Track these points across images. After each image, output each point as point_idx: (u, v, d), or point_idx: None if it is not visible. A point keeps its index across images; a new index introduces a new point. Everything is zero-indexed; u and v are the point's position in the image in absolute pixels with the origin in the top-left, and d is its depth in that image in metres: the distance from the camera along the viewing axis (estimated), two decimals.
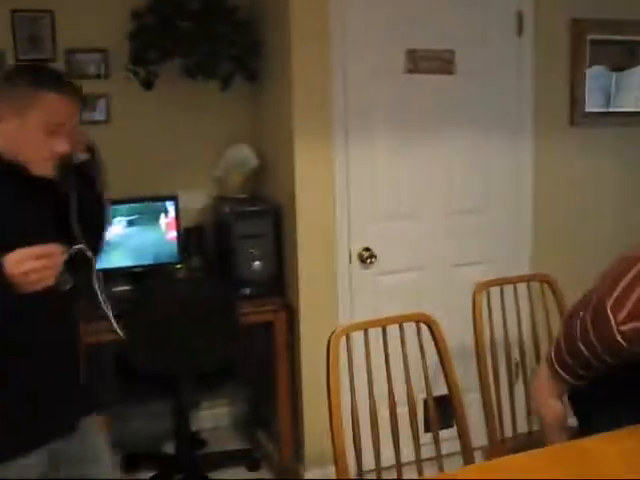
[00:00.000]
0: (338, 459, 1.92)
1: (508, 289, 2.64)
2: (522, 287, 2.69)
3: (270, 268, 3.13)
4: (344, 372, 2.00)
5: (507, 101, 3.31)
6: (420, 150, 3.18)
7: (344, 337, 2.02)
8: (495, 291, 2.61)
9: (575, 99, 3.42)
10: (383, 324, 2.12)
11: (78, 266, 1.67)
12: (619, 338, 1.58)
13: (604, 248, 3.63)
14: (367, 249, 3.08)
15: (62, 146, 1.71)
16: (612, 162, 3.59)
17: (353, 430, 2.00)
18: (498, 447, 2.41)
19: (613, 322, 1.58)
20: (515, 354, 2.64)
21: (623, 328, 1.57)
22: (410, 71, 3.13)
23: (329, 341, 1.99)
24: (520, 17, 3.31)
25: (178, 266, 3.31)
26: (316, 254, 3.04)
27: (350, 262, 3.08)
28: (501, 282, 2.65)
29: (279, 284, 3.19)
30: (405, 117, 3.14)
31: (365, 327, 2.08)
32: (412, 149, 3.17)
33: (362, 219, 3.10)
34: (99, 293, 1.76)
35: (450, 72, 3.18)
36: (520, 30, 3.31)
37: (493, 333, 2.55)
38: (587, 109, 3.46)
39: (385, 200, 3.14)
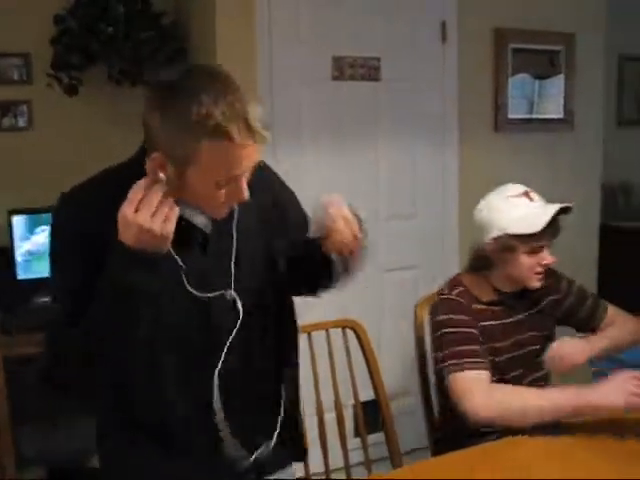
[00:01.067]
0: None
1: None
2: None
3: None
4: None
5: (433, 107, 3.37)
6: (348, 156, 3.20)
7: None
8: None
9: (499, 106, 3.50)
10: (309, 330, 2.12)
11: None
12: None
13: None
14: None
15: (241, 195, 1.36)
16: (536, 167, 3.67)
17: None
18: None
19: None
20: None
21: None
22: (336, 78, 3.15)
23: None
24: (444, 25, 3.37)
25: None
26: None
27: None
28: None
29: None
30: (332, 123, 3.16)
31: None
32: (340, 155, 3.19)
33: None
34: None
35: (376, 79, 3.22)
36: (444, 38, 3.37)
37: None
38: (511, 115, 3.54)
39: (312, 206, 3.13)
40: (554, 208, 2.01)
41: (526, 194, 2.05)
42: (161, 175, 1.26)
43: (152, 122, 1.30)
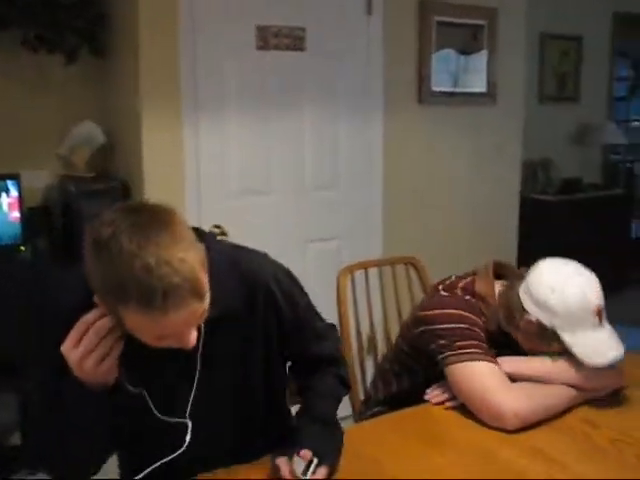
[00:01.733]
0: None
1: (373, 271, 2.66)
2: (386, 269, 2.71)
3: None
4: None
5: (358, 78, 3.37)
6: (272, 127, 3.18)
7: None
8: (359, 274, 2.60)
9: (422, 78, 3.53)
10: None
11: None
12: None
13: (453, 223, 3.80)
14: (218, 226, 3.05)
15: (184, 342, 1.32)
16: (459, 139, 3.73)
17: None
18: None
19: None
20: (380, 336, 2.66)
21: None
22: (261, 48, 3.11)
23: None
24: None
25: (22, 248, 3.15)
26: None
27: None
28: (366, 265, 2.65)
29: None
30: (257, 94, 3.13)
31: None
32: (264, 126, 3.16)
33: (213, 196, 3.07)
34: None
35: (301, 49, 3.19)
36: (369, 10, 3.36)
37: (358, 315, 2.55)
38: (435, 88, 3.57)
39: (236, 177, 3.12)
40: (619, 352, 1.86)
41: (599, 313, 1.86)
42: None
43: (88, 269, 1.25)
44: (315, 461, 1.45)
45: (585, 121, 6.00)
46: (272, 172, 3.19)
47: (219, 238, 1.64)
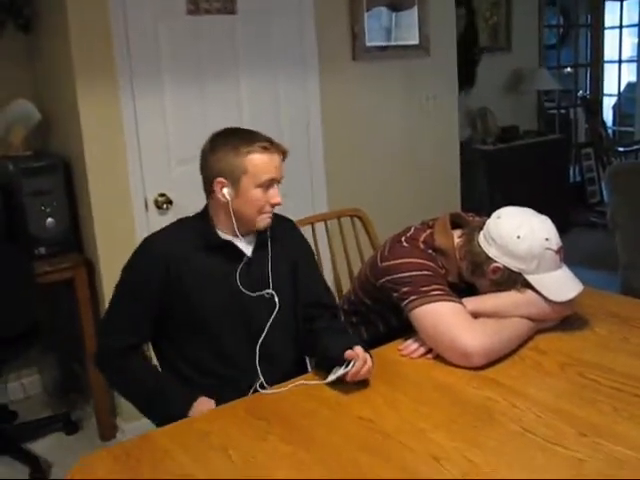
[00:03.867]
0: None
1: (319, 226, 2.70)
2: (333, 223, 2.75)
3: (64, 224, 3.02)
4: None
5: (291, 38, 3.36)
6: (209, 92, 3.16)
7: None
8: (307, 229, 2.61)
9: (356, 35, 3.53)
10: None
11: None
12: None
13: (395, 175, 3.84)
14: (162, 195, 3.04)
15: (276, 198, 1.91)
16: (395, 93, 3.77)
17: None
18: None
19: None
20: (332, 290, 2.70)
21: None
22: (192, 12, 3.08)
23: None
24: None
25: None
26: (111, 205, 2.96)
27: (147, 210, 3.02)
28: (313, 220, 2.69)
29: (76, 240, 3.09)
30: (191, 59, 3.10)
31: None
32: (200, 91, 3.14)
33: (155, 165, 3.05)
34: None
35: (232, 12, 3.17)
36: None
37: None
38: (369, 44, 3.58)
39: (177, 145, 3.10)
40: (579, 287, 1.98)
41: (560, 253, 1.96)
42: (225, 192, 1.88)
43: (212, 161, 1.91)
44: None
45: (518, 69, 6.09)
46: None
47: None
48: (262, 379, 1.87)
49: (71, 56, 2.82)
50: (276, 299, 1.94)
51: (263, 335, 1.91)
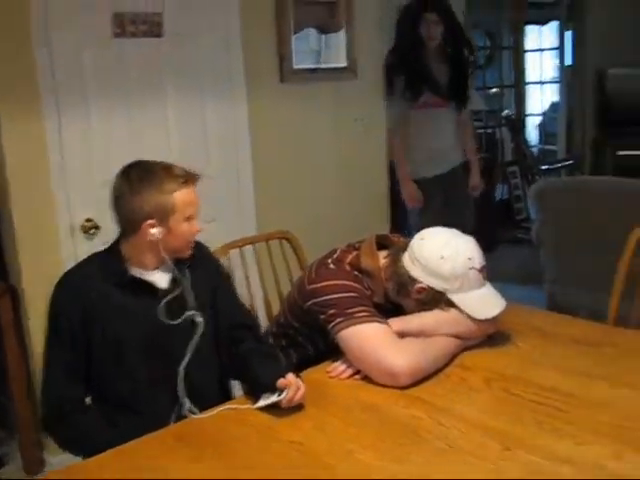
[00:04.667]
0: None
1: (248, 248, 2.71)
2: (262, 246, 2.76)
3: None
4: None
5: (218, 61, 3.36)
6: (137, 115, 3.13)
7: None
8: (235, 252, 2.63)
9: (283, 57, 3.55)
10: None
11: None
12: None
13: (324, 197, 3.86)
14: (89, 220, 2.99)
15: (197, 227, 1.97)
16: (324, 115, 3.80)
17: None
18: None
19: None
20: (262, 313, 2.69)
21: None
22: (118, 35, 3.06)
23: None
24: None
25: None
26: (35, 231, 2.90)
27: (73, 235, 2.97)
28: (241, 243, 2.68)
29: (0, 267, 3.02)
30: (118, 82, 3.07)
31: None
32: (129, 114, 3.11)
33: (82, 190, 3.00)
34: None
35: (159, 35, 3.16)
36: None
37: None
38: (296, 66, 3.61)
39: (104, 169, 3.02)
40: (502, 304, 2.03)
41: (483, 272, 2.00)
42: (155, 231, 1.88)
43: (136, 202, 1.88)
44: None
45: None
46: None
47: None
48: (189, 403, 1.86)
49: None
50: (198, 319, 1.94)
51: (186, 359, 1.90)
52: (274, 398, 1.74)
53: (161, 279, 1.96)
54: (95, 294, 1.89)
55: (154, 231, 1.89)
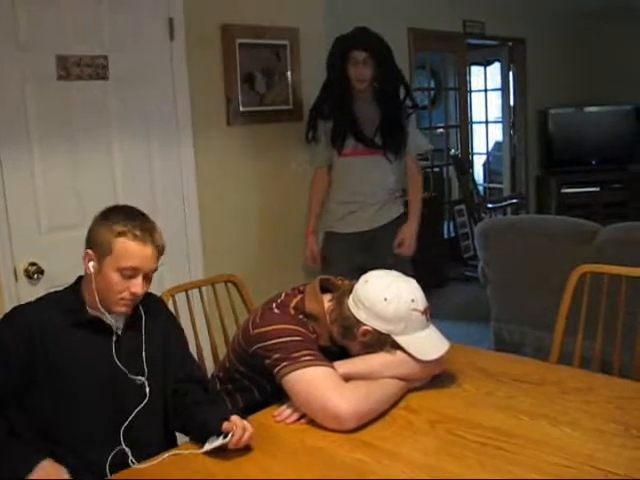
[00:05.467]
0: None
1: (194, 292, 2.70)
2: (208, 289, 2.75)
3: None
4: None
5: (165, 105, 3.36)
6: (81, 159, 3.10)
7: None
8: (181, 296, 2.62)
9: (230, 100, 3.58)
10: None
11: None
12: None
13: (270, 243, 3.86)
14: (33, 264, 2.94)
15: (135, 288, 1.88)
16: (268, 158, 3.81)
17: None
18: None
19: None
20: (208, 357, 2.68)
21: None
22: (62, 78, 3.04)
23: None
24: (171, 22, 3.38)
25: None
26: None
27: (17, 280, 2.91)
28: (187, 287, 2.67)
29: None
30: (62, 125, 3.04)
31: None
32: (73, 159, 3.07)
33: (24, 234, 2.95)
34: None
35: (104, 77, 3.15)
36: (172, 35, 3.38)
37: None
38: (242, 108, 3.64)
39: (47, 212, 3.01)
40: (446, 345, 2.05)
41: (426, 313, 2.02)
42: (92, 264, 1.90)
43: (90, 230, 1.95)
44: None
45: None
46: (84, 205, 3.08)
47: None
48: (130, 455, 1.83)
49: None
50: (147, 390, 1.92)
51: (130, 419, 1.89)
52: (220, 441, 1.73)
53: (117, 322, 1.96)
54: (47, 330, 1.87)
55: (90, 264, 1.90)
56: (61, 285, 2.99)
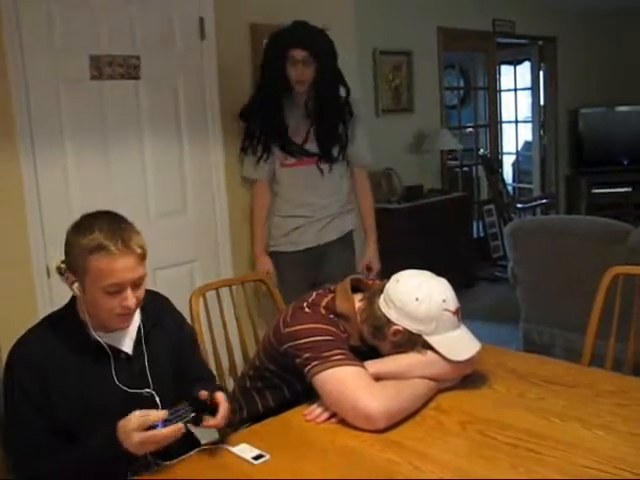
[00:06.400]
0: None
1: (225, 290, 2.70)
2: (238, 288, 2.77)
3: None
4: None
5: (195, 104, 3.39)
6: (113, 157, 3.14)
7: None
8: (211, 294, 2.63)
9: None
10: None
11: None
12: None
13: None
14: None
15: (126, 301, 1.77)
16: None
17: None
18: None
19: None
20: (238, 354, 2.70)
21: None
22: (95, 78, 3.08)
23: None
24: (202, 22, 3.40)
25: None
26: (10, 273, 2.87)
27: (49, 277, 2.95)
28: (217, 285, 2.69)
29: None
30: (95, 124, 3.08)
31: None
32: (105, 156, 3.12)
33: (57, 231, 2.95)
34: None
35: (136, 77, 3.18)
36: (202, 34, 3.40)
37: (214, 337, 2.59)
38: None
39: (80, 209, 2.97)
40: (477, 346, 2.04)
41: (458, 314, 2.02)
42: (75, 286, 1.79)
43: (66, 249, 1.83)
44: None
45: (421, 130, 6.31)
46: (116, 203, 3.09)
47: None
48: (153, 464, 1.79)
49: None
50: (157, 399, 1.85)
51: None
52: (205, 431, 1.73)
53: (125, 340, 1.88)
54: (53, 360, 1.78)
55: (74, 286, 1.79)
56: None
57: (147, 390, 1.86)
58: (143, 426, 1.64)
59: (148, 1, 3.22)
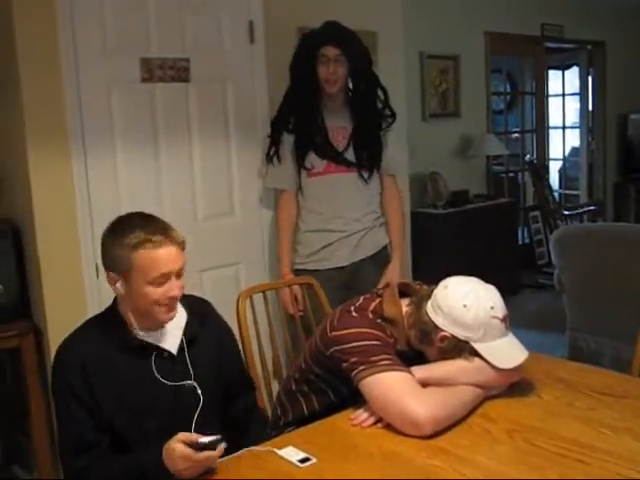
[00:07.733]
0: None
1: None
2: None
3: (13, 290, 2.97)
4: None
5: (244, 107, 3.42)
6: (162, 158, 3.18)
7: None
8: (258, 297, 2.63)
9: None
10: None
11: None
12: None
13: None
14: None
15: (173, 291, 1.83)
16: None
17: None
18: None
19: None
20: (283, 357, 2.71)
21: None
22: (145, 80, 3.12)
23: None
24: (251, 25, 3.43)
25: None
26: (61, 272, 2.93)
27: (98, 277, 2.99)
28: (264, 288, 2.70)
29: (24, 306, 3.04)
30: (145, 126, 3.13)
31: None
32: (154, 157, 3.16)
33: None
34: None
35: (186, 80, 3.22)
36: (252, 38, 3.43)
37: (260, 339, 2.59)
38: None
39: (129, 209, 3.00)
40: (524, 354, 2.01)
41: (506, 321, 2.00)
42: (119, 285, 1.84)
43: (102, 251, 1.88)
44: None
45: (467, 134, 6.27)
46: (164, 203, 3.17)
47: None
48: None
49: (23, 121, 2.83)
50: (199, 391, 1.91)
51: (192, 429, 1.86)
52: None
53: (170, 339, 1.93)
54: (97, 360, 1.83)
55: (117, 285, 1.85)
56: None
57: (189, 382, 1.91)
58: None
59: (199, 5, 3.26)
